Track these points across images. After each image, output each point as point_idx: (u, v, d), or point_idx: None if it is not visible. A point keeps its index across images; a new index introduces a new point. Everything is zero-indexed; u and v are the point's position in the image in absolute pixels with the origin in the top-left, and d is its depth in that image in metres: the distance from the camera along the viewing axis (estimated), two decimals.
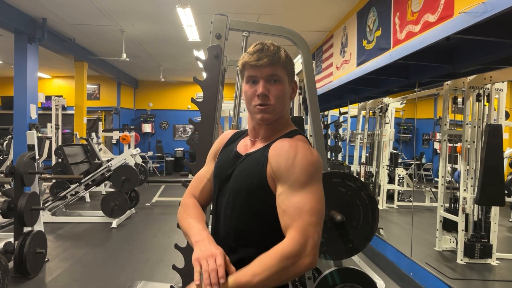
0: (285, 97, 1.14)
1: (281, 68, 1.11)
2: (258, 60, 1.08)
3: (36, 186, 3.98)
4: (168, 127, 12.64)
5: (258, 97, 1.10)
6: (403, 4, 3.54)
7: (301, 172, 1.01)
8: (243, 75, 1.15)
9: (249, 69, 1.11)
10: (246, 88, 1.13)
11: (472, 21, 2.31)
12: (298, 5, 5.25)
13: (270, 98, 1.10)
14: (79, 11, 5.71)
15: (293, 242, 0.95)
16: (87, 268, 3.90)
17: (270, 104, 1.09)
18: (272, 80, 1.10)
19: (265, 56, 1.08)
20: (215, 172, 1.22)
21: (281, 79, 1.11)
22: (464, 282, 3.49)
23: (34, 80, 6.14)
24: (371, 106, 6.38)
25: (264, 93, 1.09)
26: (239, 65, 1.15)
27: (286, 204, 1.00)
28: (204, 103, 1.99)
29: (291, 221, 0.98)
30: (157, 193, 7.38)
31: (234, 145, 1.22)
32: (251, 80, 1.12)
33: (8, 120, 7.80)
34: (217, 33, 2.01)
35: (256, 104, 1.10)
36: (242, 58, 1.14)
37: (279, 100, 1.11)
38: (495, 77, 3.67)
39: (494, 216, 3.84)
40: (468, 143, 3.93)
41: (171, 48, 7.90)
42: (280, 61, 1.11)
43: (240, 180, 1.11)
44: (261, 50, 1.09)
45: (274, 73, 1.10)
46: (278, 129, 1.16)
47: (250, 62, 1.10)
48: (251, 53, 1.11)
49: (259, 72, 1.10)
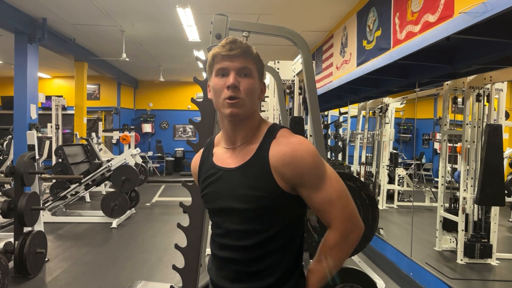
0: (256, 93, 1.09)
1: (252, 62, 1.08)
2: (230, 50, 1.05)
3: (36, 186, 3.98)
4: (168, 127, 12.63)
5: (228, 89, 1.04)
6: (403, 4, 3.54)
7: (314, 168, 1.05)
8: (211, 70, 1.10)
9: (219, 61, 1.06)
10: (215, 81, 1.08)
11: (472, 21, 2.31)
12: (298, 5, 5.25)
13: (240, 90, 1.05)
14: (79, 11, 5.71)
15: (338, 232, 1.07)
16: (87, 268, 3.90)
17: (240, 98, 1.04)
18: (243, 74, 1.06)
19: (237, 47, 1.05)
20: (208, 198, 1.14)
21: (252, 74, 1.07)
22: (464, 282, 3.49)
23: (34, 80, 6.14)
24: (371, 106, 6.38)
25: (234, 84, 1.04)
26: (208, 58, 1.10)
27: (317, 203, 1.06)
28: (204, 103, 1.99)
29: (328, 214, 1.07)
30: (157, 193, 7.38)
31: (211, 163, 1.15)
32: (221, 73, 1.07)
33: (8, 120, 7.80)
34: (217, 33, 2.01)
35: (226, 97, 1.04)
36: (213, 51, 1.09)
37: (249, 95, 1.06)
38: (495, 77, 3.67)
39: (494, 216, 3.83)
40: (468, 143, 3.92)
41: (171, 48, 7.90)
42: (252, 55, 1.08)
43: (250, 198, 1.05)
44: (234, 42, 1.06)
45: (245, 66, 1.06)
46: (254, 128, 1.11)
47: (221, 53, 1.05)
48: (223, 45, 1.07)
49: (230, 64, 1.05)
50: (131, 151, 6.55)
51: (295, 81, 3.82)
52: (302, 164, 1.03)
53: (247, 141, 1.10)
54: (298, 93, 3.75)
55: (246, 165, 1.07)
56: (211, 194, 1.12)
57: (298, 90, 3.74)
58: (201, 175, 1.18)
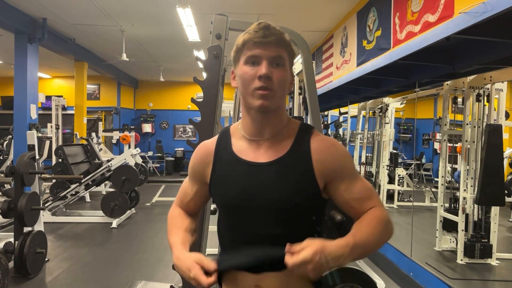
0: (287, 84, 1.02)
1: (286, 51, 0.99)
2: (264, 37, 0.95)
3: (36, 186, 3.98)
4: (168, 127, 12.64)
5: (259, 79, 0.95)
6: (403, 4, 3.54)
7: (351, 163, 1.07)
8: (238, 56, 1.01)
9: (251, 47, 0.97)
10: (244, 69, 0.98)
11: (472, 21, 2.31)
12: (298, 5, 5.25)
13: (273, 81, 0.96)
14: (79, 11, 5.71)
15: (384, 211, 1.03)
16: (87, 268, 3.90)
17: (273, 89, 0.96)
18: (275, 63, 0.97)
19: (271, 34, 0.96)
20: (230, 194, 1.03)
21: (285, 64, 0.99)
22: (464, 282, 3.49)
23: (34, 80, 6.14)
24: (371, 106, 6.38)
25: (267, 75, 0.95)
26: (238, 43, 1.01)
27: (356, 192, 1.03)
28: (204, 103, 1.99)
29: (369, 201, 1.04)
30: (157, 193, 7.38)
31: (231, 154, 1.05)
32: (252, 60, 0.97)
33: (8, 120, 7.80)
34: (217, 33, 2.01)
35: (257, 88, 0.96)
36: (243, 36, 0.99)
37: (281, 86, 0.99)
38: (495, 77, 3.67)
39: (494, 216, 3.83)
40: (468, 143, 3.92)
41: (171, 48, 7.90)
42: (286, 44, 1.00)
43: (287, 195, 0.98)
44: (267, 28, 0.97)
45: (279, 55, 0.97)
46: (283, 121, 1.05)
47: (254, 39, 0.96)
48: (255, 30, 0.97)
49: (263, 52, 0.96)
50: (131, 151, 6.56)
51: (295, 81, 3.82)
52: (343, 156, 1.04)
53: (277, 135, 1.04)
54: (298, 93, 3.75)
55: (282, 161, 1.00)
56: (235, 189, 1.02)
57: (298, 90, 3.74)
58: (216, 166, 1.07)
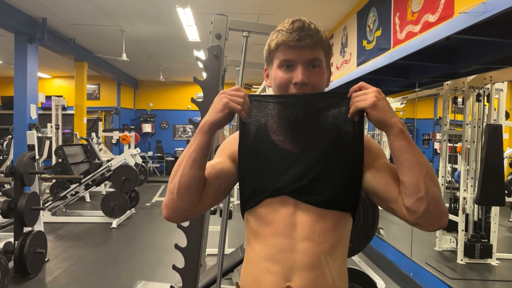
0: (324, 84, 0.97)
1: (323, 51, 0.94)
2: (299, 40, 0.89)
3: (36, 186, 3.98)
4: (168, 127, 12.63)
5: (295, 85, 0.91)
6: (403, 4, 3.54)
7: (380, 149, 1.02)
8: (271, 58, 0.96)
9: (284, 50, 0.91)
10: (278, 74, 0.93)
11: (472, 21, 2.30)
12: (298, 5, 5.25)
13: (309, 86, 0.92)
14: (79, 11, 5.71)
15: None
16: (87, 268, 3.90)
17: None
18: (311, 65, 0.92)
19: (307, 36, 0.90)
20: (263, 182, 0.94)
21: (322, 65, 0.94)
22: (464, 282, 3.49)
23: (34, 80, 6.14)
24: None
25: (304, 82, 0.90)
26: (270, 44, 0.94)
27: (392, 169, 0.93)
28: (204, 103, 1.99)
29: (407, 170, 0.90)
30: (157, 193, 7.38)
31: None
32: (286, 64, 0.92)
33: (8, 120, 7.81)
34: (217, 33, 2.01)
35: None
36: (276, 37, 0.93)
37: (319, 87, 0.95)
38: (495, 77, 3.67)
39: (494, 216, 3.83)
40: (468, 143, 3.92)
41: (171, 48, 7.89)
42: (322, 43, 0.93)
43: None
44: (302, 28, 0.90)
45: (315, 57, 0.92)
46: None
47: (288, 42, 0.90)
48: (289, 31, 0.90)
49: (298, 55, 0.90)
50: (131, 151, 6.56)
51: None
52: (374, 145, 1.00)
53: None
54: None
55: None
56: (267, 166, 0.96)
57: None
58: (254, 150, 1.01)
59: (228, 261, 2.69)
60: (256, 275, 0.93)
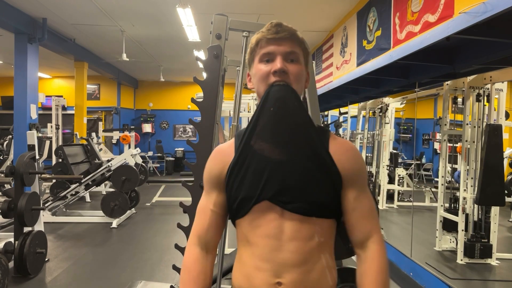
0: (303, 80, 1.00)
1: (299, 47, 1.00)
2: (276, 33, 0.96)
3: (36, 186, 3.98)
4: (168, 127, 12.64)
5: (274, 74, 0.95)
6: (403, 4, 3.54)
7: (365, 172, 1.04)
8: (253, 56, 1.01)
9: (264, 45, 0.98)
10: (259, 67, 0.98)
11: (472, 21, 2.31)
12: (298, 5, 5.25)
13: (288, 75, 0.96)
14: (79, 11, 5.71)
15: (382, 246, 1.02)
16: (87, 268, 3.90)
17: (289, 84, 0.96)
18: (290, 59, 0.97)
19: (284, 30, 0.97)
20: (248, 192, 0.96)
21: (300, 60, 0.99)
22: (464, 282, 3.49)
23: (34, 80, 6.14)
24: (371, 106, 6.38)
25: (282, 69, 0.95)
26: (252, 43, 1.01)
27: (362, 208, 1.00)
28: (204, 103, 1.99)
29: (370, 224, 1.01)
30: (157, 193, 7.38)
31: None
32: (266, 58, 0.98)
33: (8, 120, 7.81)
34: (217, 33, 2.01)
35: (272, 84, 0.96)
36: (255, 36, 1.00)
37: (299, 81, 0.98)
38: (495, 77, 3.67)
39: (494, 216, 3.83)
40: (468, 143, 3.92)
41: (171, 48, 7.90)
42: (299, 40, 1.00)
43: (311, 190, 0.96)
44: (279, 25, 0.98)
45: (293, 51, 0.97)
46: None
47: (267, 36, 0.97)
48: (268, 28, 0.98)
49: (276, 48, 0.96)
50: (131, 151, 6.56)
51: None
52: (360, 161, 1.01)
53: None
54: None
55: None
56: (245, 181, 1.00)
57: None
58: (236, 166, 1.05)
59: (228, 261, 2.69)
60: (248, 273, 0.98)
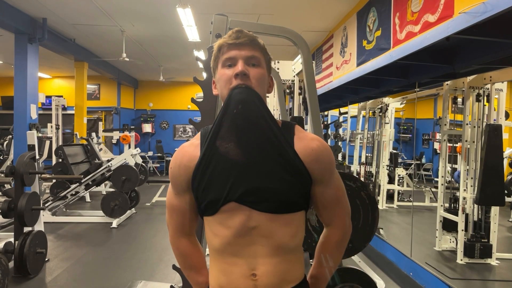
0: (265, 84, 1.04)
1: (260, 52, 1.03)
2: (237, 39, 1.00)
3: (36, 186, 3.98)
4: (168, 127, 12.64)
5: (236, 77, 0.98)
6: (403, 4, 3.54)
7: (331, 164, 1.06)
8: (216, 63, 1.04)
9: (226, 51, 1.01)
10: (223, 71, 1.02)
11: (472, 21, 2.31)
12: (298, 5, 5.25)
13: (250, 78, 0.99)
14: (79, 11, 5.71)
15: (340, 230, 1.10)
16: (87, 268, 3.90)
17: (250, 86, 0.99)
18: (251, 63, 1.01)
19: (244, 36, 1.01)
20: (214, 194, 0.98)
21: (261, 64, 1.03)
22: (464, 282, 3.50)
23: (34, 80, 6.14)
24: (371, 106, 6.38)
25: (243, 72, 0.98)
26: (214, 51, 1.04)
27: (328, 199, 1.07)
28: (204, 103, 1.99)
29: (333, 212, 1.09)
30: (157, 193, 7.38)
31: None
32: (228, 63, 1.01)
33: (8, 120, 7.81)
34: (217, 33, 2.01)
35: (234, 87, 0.99)
36: (217, 42, 1.04)
37: (260, 83, 1.01)
38: (495, 77, 3.67)
39: (494, 216, 3.83)
40: (468, 143, 3.93)
41: (171, 48, 7.90)
42: (260, 46, 1.04)
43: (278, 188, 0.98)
44: (240, 31, 1.02)
45: (253, 55, 1.01)
46: None
47: (228, 41, 1.01)
48: (229, 35, 1.02)
49: (237, 52, 1.00)
50: (131, 151, 6.56)
51: (295, 81, 3.82)
52: (326, 160, 1.03)
53: None
54: (298, 93, 3.76)
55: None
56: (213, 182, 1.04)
57: (298, 90, 3.75)
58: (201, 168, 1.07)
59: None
60: (224, 269, 1.01)
